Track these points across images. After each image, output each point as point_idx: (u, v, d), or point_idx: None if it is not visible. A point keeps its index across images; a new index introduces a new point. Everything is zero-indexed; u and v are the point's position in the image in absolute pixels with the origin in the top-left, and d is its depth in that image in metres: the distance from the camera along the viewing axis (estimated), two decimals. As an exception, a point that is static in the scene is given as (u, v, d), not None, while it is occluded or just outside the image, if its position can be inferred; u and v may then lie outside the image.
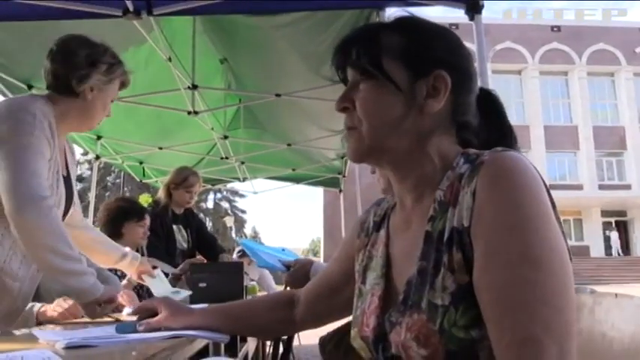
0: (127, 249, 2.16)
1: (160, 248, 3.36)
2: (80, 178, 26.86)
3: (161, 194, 3.67)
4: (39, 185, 1.54)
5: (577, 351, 0.67)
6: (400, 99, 0.84)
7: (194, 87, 3.90)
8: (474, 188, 0.75)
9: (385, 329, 0.82)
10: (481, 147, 0.84)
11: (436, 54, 0.85)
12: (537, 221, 0.70)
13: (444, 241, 0.77)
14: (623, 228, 28.03)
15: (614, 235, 27.07)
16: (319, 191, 18.72)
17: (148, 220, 3.01)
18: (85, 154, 11.63)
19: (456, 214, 0.77)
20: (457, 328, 0.72)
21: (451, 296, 0.73)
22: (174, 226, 3.63)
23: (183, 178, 3.60)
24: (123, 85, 1.91)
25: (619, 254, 26.75)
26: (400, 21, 0.89)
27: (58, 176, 1.72)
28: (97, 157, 5.51)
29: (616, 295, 0.88)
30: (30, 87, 3.56)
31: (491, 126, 0.93)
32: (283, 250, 2.29)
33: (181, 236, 3.67)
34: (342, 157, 6.29)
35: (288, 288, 2.07)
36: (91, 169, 6.18)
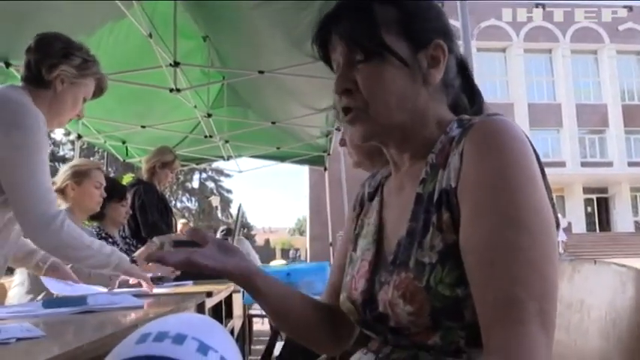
0: (34, 248, 1.97)
1: (165, 222, 3.45)
2: (63, 159, 26.52)
3: (145, 173, 3.68)
4: (50, 204, 1.64)
5: (556, 317, 0.68)
6: (405, 73, 0.83)
7: (176, 64, 3.83)
8: (461, 150, 0.76)
9: (374, 290, 0.83)
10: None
11: (431, 23, 0.86)
12: (522, 183, 0.71)
13: (434, 202, 0.78)
14: (604, 204, 28.50)
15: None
16: (305, 170, 18.69)
17: (129, 200, 3.01)
18: (67, 134, 11.49)
19: (445, 176, 0.78)
20: (443, 286, 0.73)
21: (438, 255, 0.74)
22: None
23: (172, 159, 3.68)
24: (99, 88, 1.91)
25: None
26: None
27: None
28: (79, 137, 5.42)
29: (595, 261, 0.89)
30: (8, 65, 3.48)
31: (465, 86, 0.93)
32: (288, 274, 2.30)
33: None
34: (327, 135, 6.26)
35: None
36: (73, 149, 6.08)
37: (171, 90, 4.06)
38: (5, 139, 1.57)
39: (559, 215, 0.80)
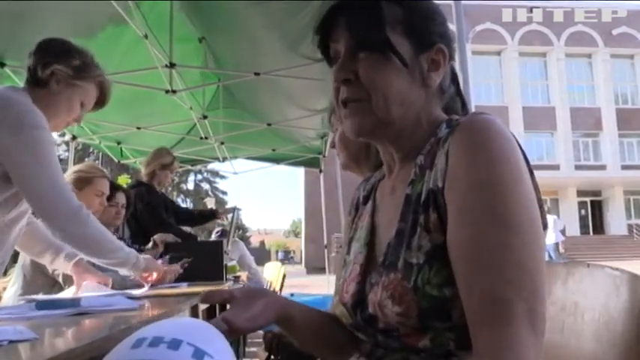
0: (58, 242, 1.97)
1: (172, 223, 3.50)
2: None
3: (145, 176, 3.67)
4: (72, 195, 1.66)
5: (550, 320, 0.68)
6: (405, 72, 0.84)
7: (172, 65, 3.82)
8: (447, 149, 0.76)
9: (365, 292, 0.83)
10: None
11: (437, 28, 0.87)
12: (508, 181, 0.71)
13: (421, 203, 0.78)
14: (597, 207, 28.60)
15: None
16: (300, 171, 18.73)
17: (122, 199, 2.98)
18: (62, 135, 11.43)
19: (432, 176, 0.78)
20: (430, 286, 0.73)
21: (426, 255, 0.75)
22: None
23: (171, 161, 3.69)
24: (102, 95, 1.87)
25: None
26: None
27: None
28: (74, 138, 5.40)
29: (588, 265, 0.90)
30: (3, 65, 3.46)
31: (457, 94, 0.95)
32: (292, 295, 2.34)
33: None
34: (322, 137, 6.27)
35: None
36: (68, 150, 6.05)
37: (166, 91, 4.06)
38: (14, 138, 1.56)
39: (554, 217, 0.81)
